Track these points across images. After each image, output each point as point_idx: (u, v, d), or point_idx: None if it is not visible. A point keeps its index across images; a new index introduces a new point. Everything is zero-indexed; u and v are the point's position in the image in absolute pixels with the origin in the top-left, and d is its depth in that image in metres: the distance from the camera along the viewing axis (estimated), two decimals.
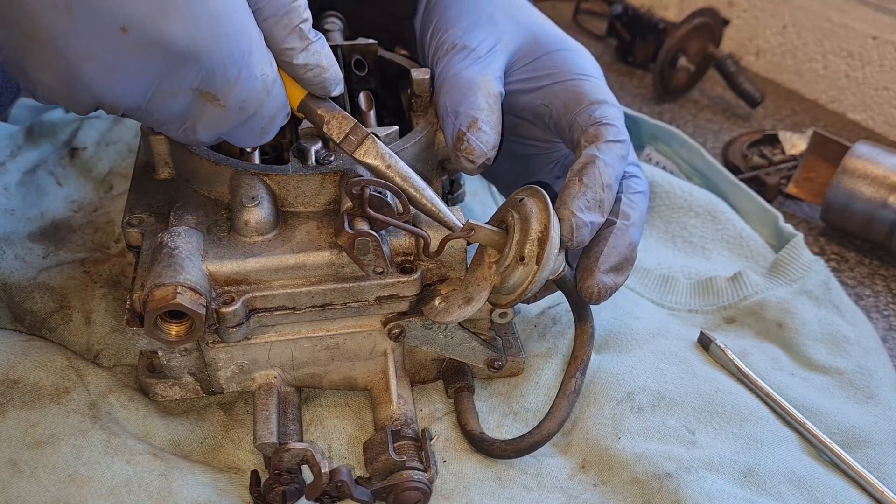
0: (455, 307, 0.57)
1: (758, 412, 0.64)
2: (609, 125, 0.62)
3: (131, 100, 0.49)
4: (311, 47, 0.53)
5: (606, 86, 0.67)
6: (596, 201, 0.59)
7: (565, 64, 0.66)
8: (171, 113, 0.51)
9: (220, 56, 0.49)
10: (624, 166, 0.62)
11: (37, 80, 0.48)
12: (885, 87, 1.12)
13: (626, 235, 0.61)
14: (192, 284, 0.52)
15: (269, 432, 0.56)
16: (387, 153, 0.56)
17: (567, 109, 0.64)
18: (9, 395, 0.59)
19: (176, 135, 0.54)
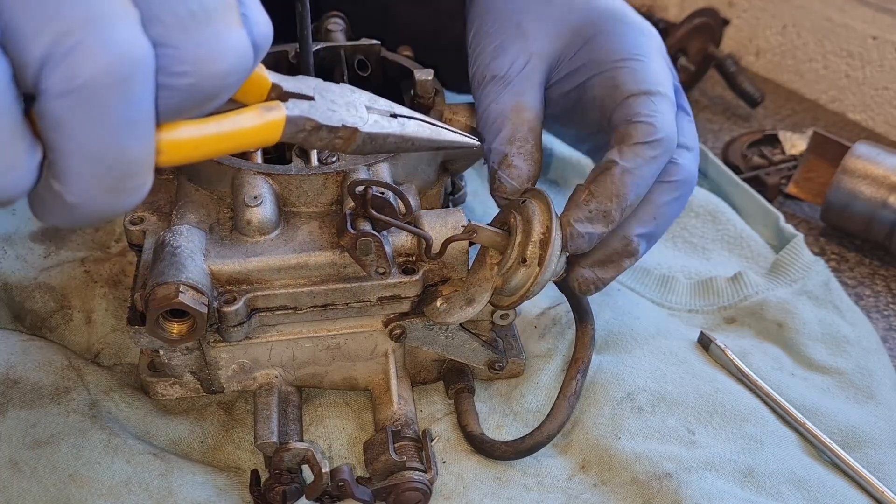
0: (456, 308, 0.57)
1: (758, 412, 0.64)
2: (641, 123, 0.57)
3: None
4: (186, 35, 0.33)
5: (655, 65, 0.60)
6: (600, 212, 0.56)
7: (603, 50, 0.61)
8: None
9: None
10: (656, 167, 0.57)
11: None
12: (885, 87, 1.12)
13: (618, 229, 0.59)
14: (194, 283, 0.52)
15: (269, 432, 0.56)
16: (377, 133, 0.46)
17: (605, 107, 0.60)
18: (9, 395, 0.59)
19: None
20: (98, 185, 0.33)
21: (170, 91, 0.33)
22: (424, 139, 0.49)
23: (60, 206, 0.33)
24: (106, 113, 0.31)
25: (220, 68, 0.33)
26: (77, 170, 0.32)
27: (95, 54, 0.30)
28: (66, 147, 0.31)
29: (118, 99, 0.31)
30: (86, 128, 0.31)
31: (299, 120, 0.41)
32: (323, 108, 0.42)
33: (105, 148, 0.32)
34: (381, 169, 0.60)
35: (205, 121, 0.36)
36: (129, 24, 0.31)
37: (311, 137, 0.42)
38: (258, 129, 0.39)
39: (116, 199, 0.33)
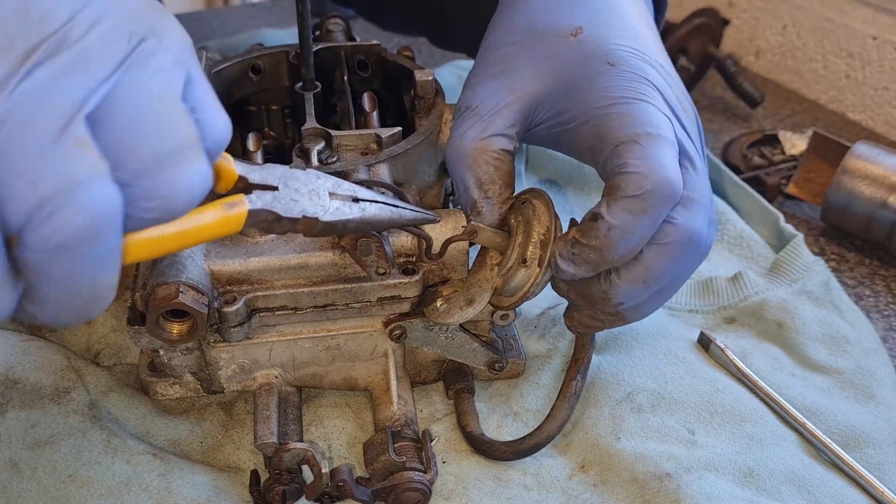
0: (456, 309, 0.57)
1: (758, 412, 0.64)
2: (627, 174, 0.52)
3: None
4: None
5: (646, 107, 0.55)
6: (583, 259, 0.53)
7: (590, 97, 0.56)
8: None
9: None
10: (649, 220, 0.52)
11: None
12: (885, 87, 1.12)
13: (603, 283, 0.56)
14: (195, 283, 0.52)
15: (269, 432, 0.56)
16: (336, 221, 0.48)
17: (595, 157, 0.56)
18: (8, 396, 0.59)
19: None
20: (69, 309, 0.36)
21: (136, 221, 0.36)
22: (384, 221, 0.51)
23: (31, 319, 0.37)
24: (80, 259, 0.34)
25: (181, 203, 0.36)
26: (51, 300, 0.35)
27: (68, 219, 0.33)
28: (42, 285, 0.34)
29: (91, 247, 0.34)
30: (61, 272, 0.34)
31: (261, 213, 0.44)
32: (286, 198, 0.45)
33: (78, 285, 0.35)
34: (382, 169, 0.60)
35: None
36: (100, 184, 0.33)
37: (274, 226, 0.45)
38: (219, 224, 0.41)
39: (84, 315, 0.37)
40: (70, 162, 0.33)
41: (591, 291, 0.56)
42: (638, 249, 0.54)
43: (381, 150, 0.61)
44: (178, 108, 0.36)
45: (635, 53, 0.58)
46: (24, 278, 0.34)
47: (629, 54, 0.58)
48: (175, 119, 0.36)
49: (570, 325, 0.61)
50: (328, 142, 0.61)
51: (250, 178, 0.44)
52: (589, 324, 0.60)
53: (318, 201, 0.47)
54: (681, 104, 0.58)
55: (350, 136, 0.61)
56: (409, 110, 0.69)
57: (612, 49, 0.58)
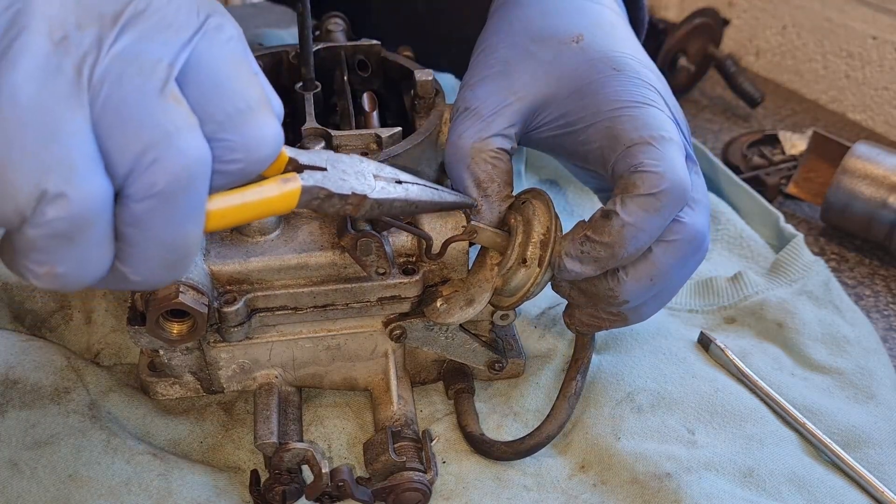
0: (456, 309, 0.57)
1: (758, 412, 0.64)
2: (645, 173, 0.53)
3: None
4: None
5: (655, 111, 0.56)
6: (591, 257, 0.54)
7: (598, 100, 0.57)
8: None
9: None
10: (661, 219, 0.54)
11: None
12: (885, 87, 1.12)
13: (609, 280, 0.56)
14: (195, 283, 0.52)
15: (269, 432, 0.56)
16: (384, 199, 0.49)
17: (605, 158, 0.56)
18: (8, 396, 0.59)
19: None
20: (161, 266, 0.38)
21: (222, 175, 0.38)
22: (427, 202, 0.52)
23: (120, 282, 0.38)
24: (176, 209, 0.36)
25: (264, 153, 0.39)
26: (146, 256, 0.37)
27: (169, 166, 0.35)
28: (140, 239, 0.36)
29: (186, 197, 0.36)
30: (159, 223, 0.36)
31: (314, 189, 0.45)
32: (335, 177, 0.46)
33: (173, 236, 0.37)
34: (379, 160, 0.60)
35: (232, 193, 0.41)
36: (194, 134, 0.36)
37: (325, 204, 0.46)
38: (278, 199, 0.43)
39: (171, 273, 0.39)
40: (169, 114, 0.35)
41: (597, 290, 0.57)
42: (645, 248, 0.55)
43: (381, 150, 0.61)
44: (249, 70, 0.39)
45: (636, 60, 0.60)
46: (121, 237, 0.36)
47: (632, 61, 0.59)
48: (249, 79, 0.39)
49: (570, 324, 0.61)
50: (328, 142, 0.61)
51: (300, 160, 0.45)
52: (589, 323, 0.60)
53: (365, 181, 0.48)
54: (678, 111, 0.60)
55: (350, 136, 0.61)
56: (409, 110, 0.69)
57: (616, 56, 0.60)
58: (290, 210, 0.44)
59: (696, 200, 0.56)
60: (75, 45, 0.34)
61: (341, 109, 0.68)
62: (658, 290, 0.58)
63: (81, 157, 0.34)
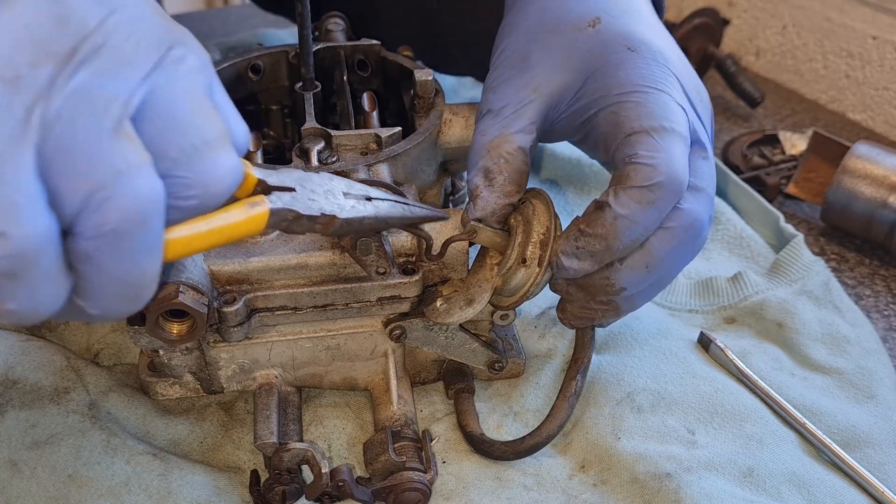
0: (456, 309, 0.57)
1: (758, 412, 0.64)
2: (639, 165, 0.52)
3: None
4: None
5: (664, 97, 0.55)
6: (587, 251, 0.54)
7: (609, 83, 0.56)
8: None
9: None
10: (655, 212, 0.53)
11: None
12: (885, 87, 1.12)
13: (604, 269, 0.56)
14: (195, 283, 0.52)
15: (269, 432, 0.56)
16: (353, 218, 0.49)
17: (608, 144, 0.56)
18: (8, 396, 0.59)
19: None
20: (118, 300, 0.38)
21: (178, 211, 0.38)
22: (397, 217, 0.52)
23: (81, 315, 0.38)
24: (129, 247, 0.36)
25: (219, 189, 0.39)
26: (102, 291, 0.37)
27: (119, 205, 0.35)
28: (93, 274, 0.36)
29: (139, 234, 0.36)
30: (112, 259, 0.36)
31: (282, 212, 0.45)
32: (303, 198, 0.46)
33: (127, 272, 0.37)
34: (381, 169, 0.60)
35: (197, 220, 0.40)
36: (146, 172, 0.36)
37: (293, 225, 0.46)
38: (244, 223, 0.43)
39: (131, 306, 0.39)
40: (121, 154, 0.35)
41: (593, 280, 0.56)
42: (640, 242, 0.54)
43: (381, 149, 0.61)
44: (208, 105, 0.39)
45: (654, 39, 0.59)
46: (76, 272, 0.36)
47: (649, 39, 0.58)
48: (207, 114, 0.39)
49: (563, 318, 0.61)
50: (328, 142, 0.61)
51: (268, 181, 0.45)
52: (581, 315, 0.59)
53: (335, 200, 0.48)
54: (698, 93, 0.59)
55: (350, 136, 0.61)
56: (408, 110, 0.69)
57: (632, 35, 0.58)
58: (258, 233, 0.44)
59: (697, 188, 0.55)
60: (27, 85, 0.33)
61: (341, 109, 0.69)
62: (654, 279, 0.57)
63: (24, 197, 0.33)
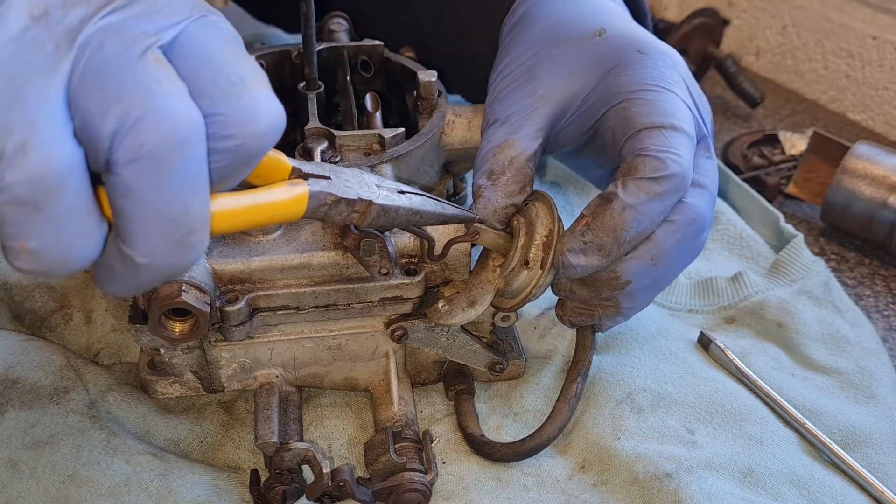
0: (458, 310, 0.57)
1: (758, 412, 0.65)
2: (649, 157, 0.54)
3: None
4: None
5: (672, 97, 0.57)
6: (595, 245, 0.54)
7: (618, 82, 0.58)
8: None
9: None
10: (661, 205, 0.54)
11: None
12: (885, 87, 1.12)
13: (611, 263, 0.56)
14: (197, 282, 0.51)
15: (269, 431, 0.56)
16: (389, 206, 0.49)
17: (616, 139, 0.57)
18: (8, 396, 0.59)
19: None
20: (165, 242, 0.36)
21: (220, 155, 0.37)
22: (430, 212, 0.52)
23: (129, 270, 0.36)
24: (169, 174, 0.34)
25: (261, 127, 0.37)
26: (146, 230, 0.35)
27: (156, 123, 0.34)
28: (136, 210, 0.35)
29: (178, 160, 0.35)
30: (153, 189, 0.34)
31: (321, 195, 0.45)
32: (339, 185, 0.46)
33: (170, 206, 0.35)
34: (384, 170, 0.60)
35: (241, 193, 0.40)
36: (180, 95, 0.35)
37: (332, 211, 0.46)
38: (286, 203, 0.43)
39: (181, 254, 0.37)
40: (152, 74, 0.34)
41: (599, 274, 0.57)
42: (646, 235, 0.55)
43: (384, 150, 0.61)
44: (243, 52, 0.38)
45: (659, 43, 0.61)
46: (117, 214, 0.35)
47: (655, 43, 0.60)
48: (242, 58, 0.38)
49: (562, 316, 0.61)
50: (331, 142, 0.61)
51: (303, 169, 0.45)
52: (582, 312, 0.60)
53: (369, 189, 0.48)
54: (700, 96, 0.60)
55: (353, 137, 0.61)
56: (411, 111, 0.69)
57: (639, 39, 0.60)
58: (299, 216, 0.44)
59: (701, 185, 0.57)
60: (56, 21, 0.33)
61: (344, 110, 0.68)
62: (658, 274, 0.57)
63: (45, 120, 0.33)
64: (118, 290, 0.38)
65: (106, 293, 0.39)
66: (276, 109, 0.38)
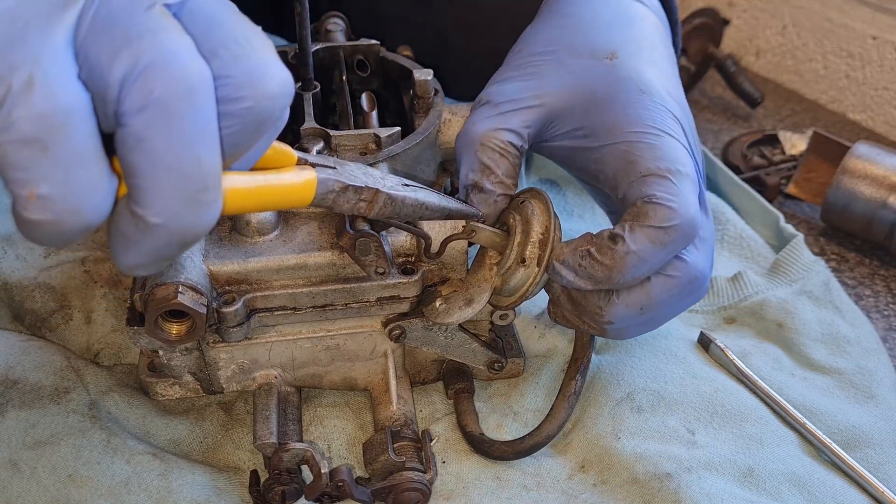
0: (456, 309, 0.57)
1: (758, 412, 0.64)
2: (658, 205, 0.53)
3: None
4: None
5: (674, 143, 0.56)
6: (588, 273, 0.54)
7: (619, 119, 0.57)
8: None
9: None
10: (665, 254, 0.54)
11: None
12: (885, 87, 1.12)
13: (600, 298, 0.56)
14: (194, 284, 0.52)
15: (268, 432, 0.56)
16: (395, 195, 0.49)
17: (618, 181, 0.56)
18: (8, 396, 0.59)
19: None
20: (178, 198, 0.35)
21: (230, 119, 0.36)
22: (435, 205, 0.52)
23: (144, 233, 0.36)
24: (179, 123, 0.34)
25: (271, 88, 0.37)
26: (158, 185, 0.34)
27: (165, 71, 0.33)
28: (147, 163, 0.34)
29: (188, 110, 0.34)
30: (163, 139, 0.34)
31: (329, 181, 0.45)
32: (346, 174, 0.47)
33: (181, 158, 0.34)
34: (381, 169, 0.60)
35: (253, 173, 0.40)
36: (187, 47, 0.35)
37: (340, 198, 0.46)
38: (297, 187, 0.43)
39: (196, 213, 0.36)
40: (159, 24, 0.34)
41: (586, 303, 0.57)
42: (641, 280, 0.55)
43: (380, 149, 0.61)
44: (250, 23, 0.38)
45: (663, 86, 0.60)
46: (128, 170, 0.34)
47: (659, 85, 0.59)
48: (251, 24, 0.38)
49: (552, 313, 0.61)
50: (327, 142, 0.61)
51: (309, 159, 0.45)
52: (571, 320, 0.60)
53: (375, 179, 0.48)
54: (696, 141, 0.60)
55: (349, 136, 0.61)
56: (407, 110, 0.69)
57: (645, 78, 0.59)
58: (308, 202, 0.43)
59: (702, 240, 0.56)
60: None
61: (340, 109, 0.69)
62: (644, 320, 0.57)
63: (50, 58, 0.32)
64: (135, 260, 0.37)
65: (125, 270, 0.37)
66: (285, 73, 0.38)
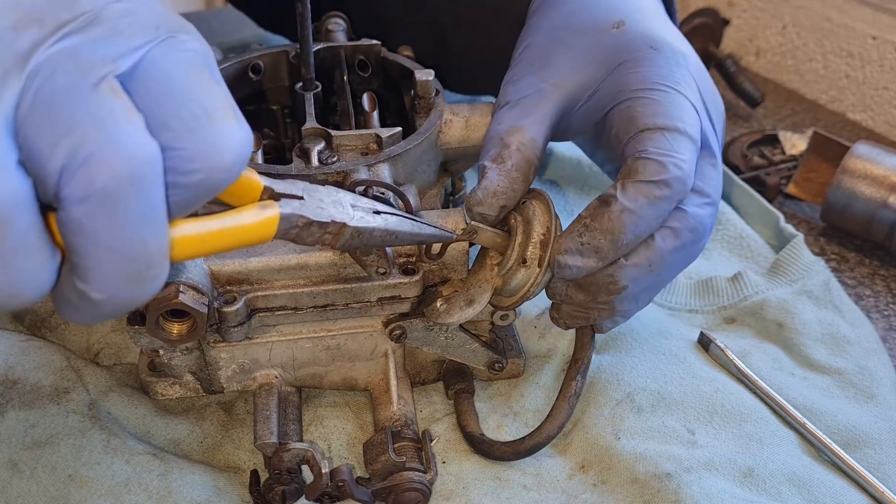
0: (456, 309, 0.57)
1: (758, 412, 0.64)
2: (649, 160, 0.53)
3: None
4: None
5: (679, 99, 0.56)
6: (592, 247, 0.53)
7: (627, 79, 0.57)
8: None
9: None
10: (660, 209, 0.54)
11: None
12: (885, 87, 1.12)
13: (608, 266, 0.55)
14: (195, 283, 0.52)
15: (269, 432, 0.56)
16: (363, 227, 0.48)
17: (619, 139, 0.56)
18: (8, 396, 0.59)
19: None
20: (121, 278, 0.34)
21: (181, 189, 0.35)
22: (406, 233, 0.51)
23: (86, 304, 0.35)
24: (123, 212, 0.33)
25: (226, 161, 0.35)
26: (100, 267, 0.33)
27: (108, 161, 0.32)
28: (89, 248, 0.33)
29: (133, 198, 0.33)
30: (106, 228, 0.33)
31: (292, 217, 0.43)
32: (312, 206, 0.45)
33: (125, 243, 0.33)
34: (382, 169, 0.60)
35: (208, 218, 0.39)
36: (135, 129, 0.33)
37: (304, 233, 0.45)
38: (256, 226, 0.41)
39: (138, 288, 0.35)
40: (105, 106, 0.32)
41: (596, 279, 0.56)
42: (642, 239, 0.55)
43: (381, 150, 0.61)
44: (209, 79, 0.36)
45: (676, 41, 0.60)
46: (70, 250, 0.33)
47: (672, 40, 0.59)
48: (208, 86, 0.36)
49: (557, 318, 0.61)
50: (328, 142, 0.61)
51: (276, 188, 0.44)
52: (577, 315, 0.59)
53: (343, 210, 0.47)
54: (713, 100, 0.60)
55: (350, 136, 0.61)
56: (409, 110, 0.69)
57: (655, 35, 0.59)
58: (269, 239, 0.43)
59: (703, 192, 0.56)
60: (6, 45, 0.32)
61: (341, 109, 0.69)
62: (654, 279, 0.57)
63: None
64: (79, 321, 0.36)
65: (69, 321, 0.37)
66: (242, 141, 0.36)
